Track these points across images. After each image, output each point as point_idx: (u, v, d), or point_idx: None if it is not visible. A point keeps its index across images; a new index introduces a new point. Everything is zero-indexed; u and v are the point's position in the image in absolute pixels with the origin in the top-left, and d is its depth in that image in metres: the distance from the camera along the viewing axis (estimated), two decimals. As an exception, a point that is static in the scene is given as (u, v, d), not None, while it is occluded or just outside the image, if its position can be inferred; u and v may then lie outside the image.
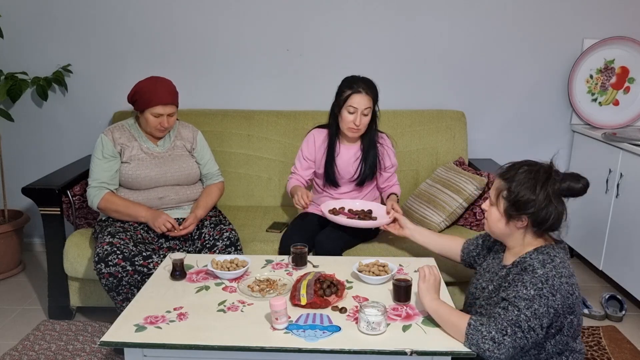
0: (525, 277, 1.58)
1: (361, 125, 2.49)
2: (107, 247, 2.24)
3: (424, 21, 3.21)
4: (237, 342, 1.60)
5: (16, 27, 3.20)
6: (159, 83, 2.44)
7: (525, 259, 1.65)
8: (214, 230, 2.47)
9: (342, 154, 2.62)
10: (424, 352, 1.57)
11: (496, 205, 1.69)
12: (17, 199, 3.22)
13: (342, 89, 2.51)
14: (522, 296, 1.55)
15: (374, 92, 2.51)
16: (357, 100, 2.46)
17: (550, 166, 1.66)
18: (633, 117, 3.27)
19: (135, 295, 2.26)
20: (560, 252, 1.65)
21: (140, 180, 2.46)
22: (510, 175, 1.66)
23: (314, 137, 2.67)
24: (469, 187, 2.71)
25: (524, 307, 1.53)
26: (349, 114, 2.48)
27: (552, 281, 1.55)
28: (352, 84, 2.49)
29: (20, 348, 2.47)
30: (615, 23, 3.20)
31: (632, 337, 2.60)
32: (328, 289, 1.83)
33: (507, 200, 1.65)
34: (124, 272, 2.22)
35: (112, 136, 2.48)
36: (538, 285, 1.55)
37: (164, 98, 2.40)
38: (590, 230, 3.11)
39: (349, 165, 2.61)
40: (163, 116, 2.42)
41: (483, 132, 3.36)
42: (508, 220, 1.67)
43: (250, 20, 3.20)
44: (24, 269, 3.31)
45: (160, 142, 2.55)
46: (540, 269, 1.58)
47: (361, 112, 2.47)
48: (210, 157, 2.68)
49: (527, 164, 1.67)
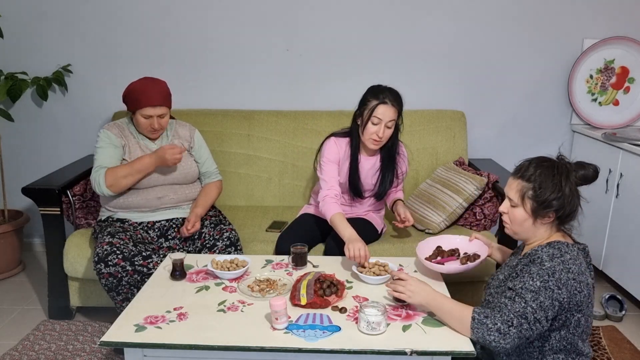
0: (533, 269, 1.60)
1: (384, 137, 2.39)
2: (107, 247, 2.24)
3: (424, 21, 3.21)
4: (237, 342, 1.60)
5: (16, 27, 3.20)
6: (150, 84, 2.41)
7: (537, 251, 1.66)
8: (214, 230, 2.47)
9: (362, 164, 2.51)
10: (424, 352, 1.57)
11: (522, 206, 1.67)
12: (17, 199, 3.22)
13: (367, 98, 2.39)
14: (529, 287, 1.56)
15: (399, 104, 2.40)
16: (382, 111, 2.34)
17: (563, 158, 1.68)
18: (633, 117, 3.27)
19: (135, 295, 2.27)
20: (574, 250, 1.65)
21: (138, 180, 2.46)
22: (529, 175, 1.65)
23: (336, 144, 2.50)
24: (469, 187, 2.71)
25: (530, 299, 1.54)
26: (373, 125, 2.36)
27: (559, 275, 1.56)
28: (378, 94, 2.36)
29: (20, 348, 2.47)
30: (615, 23, 3.20)
31: (632, 337, 2.61)
32: (328, 289, 1.83)
33: (534, 200, 1.64)
34: (123, 272, 2.22)
35: (113, 130, 2.49)
36: (544, 278, 1.56)
37: (153, 99, 2.37)
38: (590, 230, 3.10)
39: (368, 178, 2.53)
40: (153, 118, 2.40)
41: (483, 132, 3.36)
42: (535, 219, 1.67)
43: (250, 20, 3.20)
44: (24, 269, 3.31)
45: (157, 141, 2.54)
46: (548, 261, 1.59)
47: (385, 124, 2.36)
48: (208, 155, 2.67)
49: (541, 160, 1.67)
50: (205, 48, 3.24)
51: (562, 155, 1.70)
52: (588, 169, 1.67)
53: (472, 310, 1.60)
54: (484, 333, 1.56)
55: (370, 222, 2.60)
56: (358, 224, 2.52)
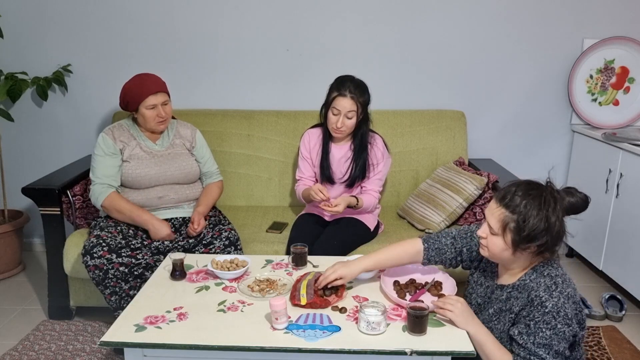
0: (536, 315, 1.53)
1: (344, 127, 2.50)
2: (94, 240, 2.26)
3: (424, 21, 3.21)
4: (237, 342, 1.60)
5: (16, 27, 3.20)
6: (143, 77, 2.45)
7: (527, 282, 1.60)
8: (212, 230, 2.47)
9: (333, 153, 2.63)
10: (424, 352, 1.57)
11: (502, 236, 1.57)
12: (17, 199, 3.22)
13: (330, 89, 2.53)
14: (540, 342, 1.51)
15: (361, 95, 2.48)
16: (341, 102, 2.46)
17: (551, 186, 1.59)
18: (633, 117, 3.27)
19: (123, 289, 2.28)
20: (558, 268, 1.61)
21: (139, 179, 2.46)
22: (514, 205, 1.54)
23: (309, 137, 2.70)
24: (469, 187, 2.71)
25: (546, 352, 1.51)
26: (333, 115, 2.50)
27: (564, 311, 1.52)
28: (339, 86, 2.48)
29: (20, 348, 2.47)
30: (615, 23, 3.20)
31: (632, 337, 2.60)
32: (328, 289, 1.83)
33: (515, 233, 1.54)
34: (109, 264, 2.23)
35: (112, 134, 2.48)
36: (552, 323, 1.51)
37: (152, 88, 2.40)
38: (590, 230, 3.10)
39: (340, 165, 2.62)
40: (157, 106, 2.42)
41: (483, 132, 3.36)
42: (515, 251, 1.58)
43: (250, 20, 3.20)
44: (24, 269, 3.31)
45: (159, 141, 2.54)
46: (548, 300, 1.53)
47: (344, 115, 2.47)
48: (209, 155, 2.68)
49: (528, 188, 1.57)
50: (205, 48, 3.24)
51: (551, 181, 1.60)
52: (577, 198, 1.59)
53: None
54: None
55: (362, 221, 2.61)
56: (348, 224, 2.55)
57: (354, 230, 2.56)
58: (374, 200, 2.60)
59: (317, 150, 2.66)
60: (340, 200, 2.48)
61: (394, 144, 3.00)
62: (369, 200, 2.57)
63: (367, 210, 2.60)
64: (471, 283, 1.85)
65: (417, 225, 2.78)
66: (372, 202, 2.58)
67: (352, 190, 2.65)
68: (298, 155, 2.75)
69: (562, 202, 1.57)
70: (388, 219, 2.90)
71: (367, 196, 2.58)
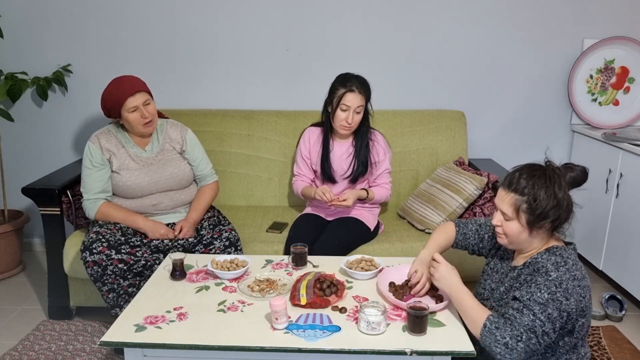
0: (539, 279, 1.57)
1: (353, 123, 2.54)
2: (93, 235, 2.25)
3: (424, 21, 3.21)
4: (237, 342, 1.60)
5: (16, 27, 3.20)
6: (120, 80, 2.40)
7: (537, 259, 1.64)
8: (212, 231, 2.46)
9: (335, 150, 2.66)
10: (424, 352, 1.57)
11: (517, 219, 1.63)
12: (17, 199, 3.22)
13: (335, 87, 2.56)
14: (536, 299, 1.54)
15: (366, 91, 2.55)
16: (350, 98, 2.50)
17: (552, 165, 1.65)
18: (633, 117, 3.27)
19: (121, 286, 2.26)
20: (572, 254, 1.65)
21: (131, 190, 2.43)
22: (522, 187, 1.60)
23: (309, 135, 2.72)
24: (469, 187, 2.71)
25: (539, 311, 1.52)
26: (342, 111, 2.53)
27: (566, 284, 1.55)
28: (345, 82, 2.53)
29: (20, 348, 2.47)
30: (615, 23, 3.20)
31: (632, 337, 2.60)
32: (328, 289, 1.83)
33: (529, 213, 1.60)
34: (108, 260, 2.21)
35: (99, 144, 2.43)
36: (552, 289, 1.54)
37: (129, 89, 2.34)
38: (590, 230, 3.10)
39: (342, 162, 2.64)
40: (139, 107, 2.36)
41: (483, 132, 3.36)
42: (531, 231, 1.63)
43: (250, 20, 3.20)
44: (24, 269, 3.31)
45: (148, 147, 2.49)
46: (554, 271, 1.57)
47: (354, 110, 2.52)
48: (202, 156, 2.61)
49: (531, 170, 1.63)
50: (205, 48, 3.24)
51: (549, 160, 1.66)
52: (576, 171, 1.65)
53: (487, 317, 1.58)
54: (491, 343, 1.54)
55: (362, 221, 2.61)
56: (348, 224, 2.55)
57: (354, 230, 2.56)
58: (387, 192, 2.70)
59: (317, 149, 2.68)
60: (349, 194, 2.55)
61: (394, 144, 3.00)
62: (381, 192, 2.67)
63: (380, 201, 2.71)
64: (487, 270, 1.88)
65: (417, 225, 2.78)
66: (384, 193, 2.69)
67: (355, 186, 2.68)
68: (297, 151, 2.78)
69: (564, 178, 1.63)
70: (388, 219, 2.90)
71: (379, 188, 2.68)
